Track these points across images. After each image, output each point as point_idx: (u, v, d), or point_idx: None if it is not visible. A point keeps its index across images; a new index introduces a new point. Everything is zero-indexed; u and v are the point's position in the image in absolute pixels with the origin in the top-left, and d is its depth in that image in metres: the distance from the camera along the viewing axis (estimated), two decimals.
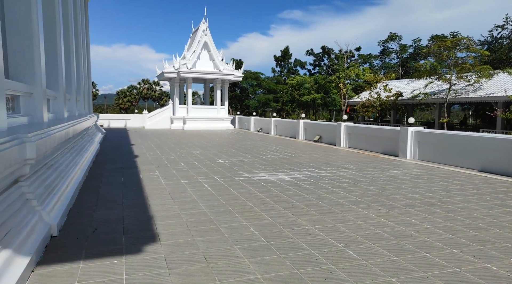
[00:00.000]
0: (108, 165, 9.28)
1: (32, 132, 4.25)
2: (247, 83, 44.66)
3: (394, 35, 39.57)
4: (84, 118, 11.56)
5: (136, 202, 5.68)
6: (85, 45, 16.60)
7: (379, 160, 11.20)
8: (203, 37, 26.22)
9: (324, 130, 16.89)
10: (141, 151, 12.50)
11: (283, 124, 21.30)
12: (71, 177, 6.29)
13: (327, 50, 51.01)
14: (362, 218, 5.02)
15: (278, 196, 6.23)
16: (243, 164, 9.87)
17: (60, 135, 6.08)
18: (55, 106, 8.99)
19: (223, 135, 21.33)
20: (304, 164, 10.11)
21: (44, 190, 4.67)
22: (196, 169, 8.92)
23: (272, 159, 11.09)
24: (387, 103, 26.57)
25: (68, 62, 10.88)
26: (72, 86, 11.49)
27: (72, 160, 7.39)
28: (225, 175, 8.23)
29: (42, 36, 6.80)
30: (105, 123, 28.57)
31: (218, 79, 27.30)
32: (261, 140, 17.78)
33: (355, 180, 7.82)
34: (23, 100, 6.08)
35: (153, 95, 65.04)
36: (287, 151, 13.38)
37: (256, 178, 7.91)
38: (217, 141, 17.11)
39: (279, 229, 4.49)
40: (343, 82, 32.90)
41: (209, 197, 6.13)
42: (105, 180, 7.36)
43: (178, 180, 7.51)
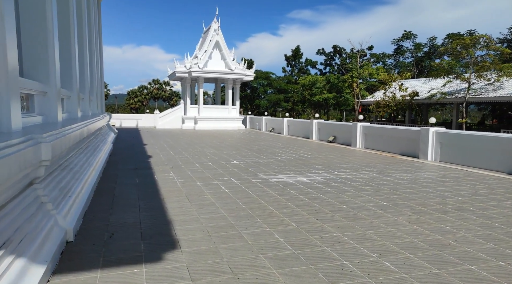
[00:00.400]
0: (122, 165, 9.13)
1: (47, 133, 4.07)
2: (257, 83, 44.37)
3: (408, 33, 38.71)
4: (98, 118, 11.47)
5: (153, 205, 5.47)
6: (98, 44, 16.58)
7: (398, 161, 10.81)
8: (215, 36, 26.05)
9: (339, 131, 16.51)
10: (154, 151, 12.35)
11: (296, 124, 20.97)
12: (86, 178, 6.13)
13: (339, 49, 50.38)
14: (392, 224, 4.70)
15: (299, 199, 5.95)
16: (258, 165, 9.61)
17: (74, 135, 5.92)
18: (69, 105, 8.87)
19: (235, 135, 21.11)
20: (321, 165, 9.80)
21: (59, 192, 4.48)
22: (211, 170, 8.69)
23: (287, 159, 10.81)
24: (403, 103, 25.95)
25: (81, 61, 10.79)
26: (85, 85, 11.40)
27: (86, 160, 7.23)
28: (242, 176, 7.98)
29: (56, 34, 6.66)
30: (117, 123, 28.66)
31: (230, 79, 27.10)
32: (274, 141, 17.50)
33: (377, 182, 7.48)
34: (38, 100, 5.93)
35: (163, 95, 65.33)
36: (302, 151, 13.07)
37: (274, 179, 7.64)
38: (230, 141, 16.90)
39: (305, 236, 4.21)
40: (356, 82, 32.28)
41: (228, 199, 5.88)
42: (120, 181, 7.19)
43: (194, 182, 7.28)
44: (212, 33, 26.19)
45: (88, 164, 7.18)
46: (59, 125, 5.79)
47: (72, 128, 5.91)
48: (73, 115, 9.04)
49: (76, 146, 6.81)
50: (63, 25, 8.39)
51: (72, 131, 5.68)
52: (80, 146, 7.48)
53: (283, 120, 21.91)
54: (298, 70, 49.77)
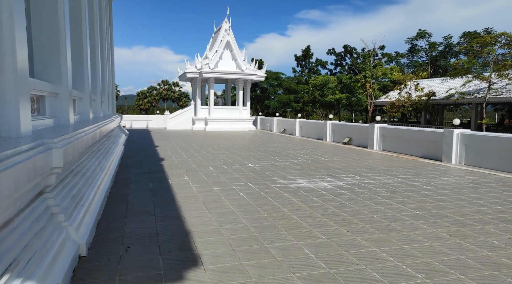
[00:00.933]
0: (134, 169, 8.85)
1: (58, 137, 3.77)
2: (267, 83, 43.97)
3: (423, 32, 37.76)
4: (109, 119, 11.23)
5: (169, 213, 5.14)
6: (109, 44, 16.42)
7: (421, 164, 10.31)
8: (226, 36, 25.76)
9: (354, 132, 16.03)
10: (167, 153, 12.07)
11: (308, 125, 20.53)
12: (99, 184, 5.83)
13: (349, 49, 49.66)
14: (432, 238, 4.28)
15: (324, 208, 5.55)
16: (275, 169, 9.23)
17: (87, 138, 5.63)
18: (81, 107, 8.63)
19: (246, 136, 20.77)
20: (341, 169, 9.37)
21: (71, 201, 4.18)
22: (227, 174, 8.35)
23: (304, 163, 10.40)
24: (419, 104, 25.23)
25: (93, 61, 10.57)
26: (97, 86, 11.19)
27: (99, 164, 6.96)
28: (259, 181, 7.62)
29: (68, 33, 6.39)
30: (127, 124, 28.60)
31: (241, 79, 26.78)
32: (287, 142, 17.10)
33: (404, 188, 7.03)
34: (49, 101, 5.67)
35: (172, 96, 65.44)
36: (317, 154, 12.65)
37: (294, 185, 7.26)
38: (242, 143, 16.55)
39: (339, 252, 3.82)
40: (369, 82, 31.58)
41: (247, 207, 5.52)
42: (133, 186, 6.89)
43: (210, 187, 6.94)
44: (223, 33, 25.91)
45: (101, 168, 6.90)
46: (71, 128, 5.52)
47: (84, 132, 5.63)
48: (85, 117, 8.80)
49: (89, 149, 6.54)
50: (74, 25, 8.15)
51: (84, 135, 5.39)
52: (93, 149, 7.21)
53: (295, 122, 21.49)
54: (309, 71, 49.20)
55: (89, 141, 5.93)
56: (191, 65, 26.03)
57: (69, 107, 6.29)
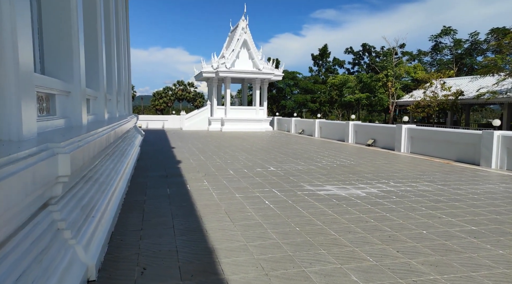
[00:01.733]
0: (150, 173, 8.39)
1: (66, 140, 3.27)
2: (283, 83, 43.25)
3: (448, 29, 36.10)
4: (125, 120, 10.85)
5: (189, 225, 4.60)
6: (125, 42, 16.13)
7: (458, 169, 9.48)
8: (243, 35, 25.24)
9: (379, 133, 15.21)
10: (184, 156, 11.61)
11: (329, 126, 19.77)
12: (113, 190, 5.35)
13: (368, 47, 48.44)
14: (502, 262, 3.58)
15: (362, 220, 4.90)
16: (299, 173, 8.60)
17: (100, 141, 5.16)
18: (95, 107, 8.22)
19: (264, 137, 20.18)
20: (371, 173, 8.66)
21: (81, 213, 3.68)
22: (248, 179, 7.77)
23: (330, 166, 9.73)
24: (446, 104, 23.98)
25: (108, 59, 10.20)
26: (112, 85, 10.82)
27: (114, 167, 6.49)
28: (284, 187, 7.01)
29: (81, 27, 5.95)
30: (143, 124, 28.46)
31: (258, 79, 26.20)
32: (307, 144, 16.42)
33: (448, 197, 6.29)
34: (60, 100, 5.22)
35: (187, 96, 65.69)
36: (342, 156, 11.93)
37: (323, 192, 6.62)
38: (261, 144, 15.97)
39: (394, 280, 3.17)
40: (391, 81, 30.38)
41: (276, 218, 4.93)
42: (150, 192, 6.39)
43: (232, 194, 6.38)
44: (239, 32, 25.40)
45: (116, 172, 6.44)
46: (84, 130, 5.07)
47: (97, 133, 5.16)
48: (99, 118, 8.39)
49: (103, 152, 6.09)
50: (88, 20, 7.75)
51: (97, 137, 4.91)
52: (107, 152, 6.77)
53: (314, 122, 20.75)
54: (326, 70, 48.22)
55: (103, 143, 5.46)
56: (207, 65, 25.63)
57: (82, 107, 5.84)
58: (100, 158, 5.87)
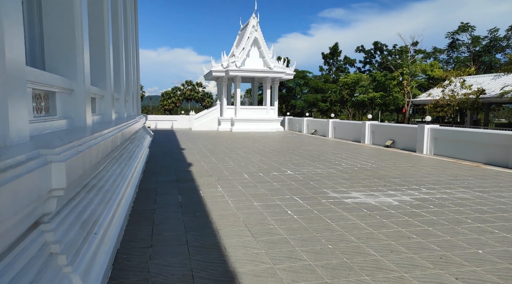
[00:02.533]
0: (160, 177, 7.85)
1: (62, 145, 2.73)
2: (293, 82, 42.53)
3: (465, 25, 34.76)
4: (133, 120, 10.36)
5: (205, 240, 4.02)
6: (134, 40, 15.69)
7: (491, 173, 8.74)
8: (253, 33, 24.63)
9: (398, 134, 14.46)
10: (194, 157, 11.06)
11: (343, 126, 19.06)
12: (119, 199, 4.81)
13: (380, 46, 47.37)
14: None
15: (403, 236, 4.26)
16: (319, 177, 7.97)
17: (106, 144, 4.63)
18: (102, 107, 7.73)
19: (276, 138, 19.56)
20: (397, 178, 7.99)
21: (80, 231, 3.13)
22: (265, 184, 7.18)
23: (351, 170, 9.07)
24: (466, 102, 22.97)
25: (116, 56, 9.72)
26: (120, 84, 10.34)
27: (120, 173, 5.96)
28: (306, 193, 6.39)
29: (86, 20, 5.44)
30: (152, 124, 28.10)
31: (268, 78, 25.57)
32: (321, 145, 15.75)
33: (493, 207, 5.60)
34: (61, 99, 4.70)
35: (195, 96, 65.57)
36: (361, 158, 11.25)
37: (349, 200, 5.98)
38: (273, 145, 15.36)
39: None
40: (407, 79, 29.38)
41: (303, 233, 4.32)
42: (160, 200, 5.84)
43: (249, 202, 5.79)
44: (250, 30, 24.80)
45: (123, 177, 5.91)
46: (87, 131, 4.55)
47: (103, 136, 4.63)
48: (106, 118, 7.90)
49: (109, 156, 5.56)
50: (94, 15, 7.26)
51: (102, 140, 4.38)
52: (114, 155, 6.25)
53: (328, 122, 20.06)
54: (336, 69, 47.33)
55: (109, 147, 4.93)
56: (217, 64, 25.10)
57: (86, 107, 5.33)
58: (105, 163, 5.34)
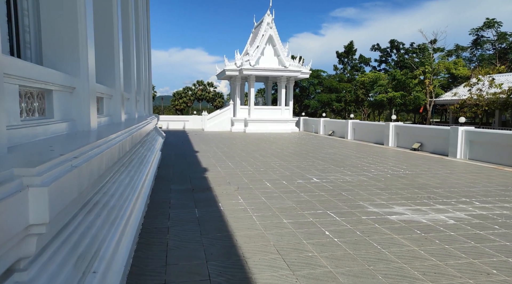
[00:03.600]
0: (173, 185, 7.11)
1: (46, 162, 1.97)
2: (307, 81, 41.52)
3: (491, 21, 33.02)
4: (145, 121, 9.67)
5: (232, 275, 3.22)
6: (146, 38, 15.05)
7: None
8: (268, 30, 23.79)
9: (426, 136, 13.45)
10: (209, 161, 10.31)
11: (364, 127, 18.07)
12: (127, 217, 4.06)
13: (396, 44, 45.95)
14: None
15: (480, 271, 3.38)
16: (351, 186, 7.10)
17: (112, 152, 3.89)
18: (110, 107, 7.04)
19: (292, 140, 18.70)
20: (440, 188, 7.06)
21: (73, 272, 2.36)
22: (292, 195, 6.35)
23: (383, 177, 8.17)
24: (496, 102, 21.60)
25: (127, 53, 9.05)
26: (131, 82, 9.67)
27: (129, 183, 5.22)
28: (341, 207, 5.55)
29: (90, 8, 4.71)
30: (164, 125, 27.58)
31: (284, 77, 24.70)
32: (342, 147, 14.83)
33: None
34: (59, 98, 3.98)
35: (207, 96, 65.44)
36: (390, 163, 10.32)
37: (394, 216, 5.11)
38: (292, 148, 14.51)
39: None
40: (429, 78, 28.05)
41: (351, 265, 3.48)
42: (174, 215, 5.08)
43: (277, 218, 4.97)
44: (264, 27, 23.98)
45: (132, 188, 5.17)
46: (90, 137, 3.84)
47: (108, 142, 3.90)
48: (115, 119, 7.20)
49: (116, 164, 4.83)
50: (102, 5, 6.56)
51: (107, 148, 3.64)
52: (123, 161, 5.53)
53: (347, 123, 19.09)
54: (351, 68, 46.09)
55: (115, 155, 4.19)
56: (231, 63, 24.36)
57: (90, 107, 4.61)
58: (112, 172, 4.61)
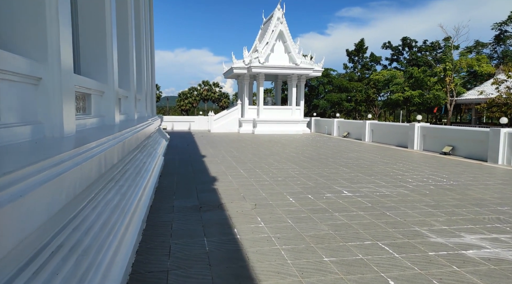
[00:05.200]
0: (177, 200, 5.87)
1: None
2: (316, 80, 40.12)
3: None
4: (146, 123, 8.48)
5: None
6: (148, 34, 13.87)
7: None
8: (278, 25, 22.50)
9: (459, 139, 12.08)
10: (218, 168, 9.07)
11: (384, 129, 16.72)
12: (108, 262, 2.83)
13: (409, 41, 44.42)
14: None
15: None
16: (392, 203, 5.82)
17: (87, 168, 2.70)
18: (102, 106, 5.84)
19: (305, 142, 17.41)
20: (506, 205, 5.74)
21: None
22: (324, 215, 5.08)
23: (426, 189, 6.87)
24: None
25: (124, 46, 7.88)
26: (130, 79, 8.49)
27: (119, 203, 4.00)
28: (394, 236, 4.26)
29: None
30: (168, 126, 26.45)
31: (295, 75, 23.38)
32: (363, 151, 13.51)
33: None
34: (19, 91, 2.78)
35: (212, 96, 64.78)
36: (426, 171, 8.99)
37: (472, 252, 3.82)
38: (307, 152, 13.22)
39: None
40: (450, 75, 26.49)
41: None
42: (176, 249, 3.83)
43: (315, 254, 3.71)
44: (275, 22, 22.70)
45: (122, 211, 3.95)
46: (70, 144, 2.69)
47: (84, 155, 2.72)
48: (108, 121, 6.00)
49: (99, 181, 3.62)
50: None
51: (74, 165, 2.45)
52: (111, 176, 4.31)
53: (364, 124, 17.74)
54: (362, 66, 44.63)
55: (92, 171, 2.99)
56: (239, 60, 23.12)
57: (66, 105, 3.43)
58: (92, 194, 3.39)
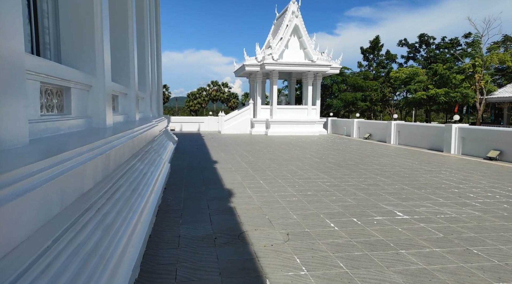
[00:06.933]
0: (185, 225, 4.56)
1: None
2: (330, 79, 38.59)
3: None
4: (149, 124, 7.22)
5: None
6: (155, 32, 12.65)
7: None
8: (293, 19, 21.09)
9: (507, 142, 10.55)
10: (233, 178, 7.75)
11: (413, 130, 15.19)
12: None
13: (426, 39, 42.53)
14: None
15: None
16: (470, 231, 4.42)
17: (62, 189, 1.38)
18: (89, 104, 4.56)
19: (325, 145, 15.98)
20: None
21: None
22: (387, 254, 3.72)
23: (502, 209, 5.43)
24: None
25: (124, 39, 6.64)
26: (129, 74, 7.24)
27: (97, 247, 2.70)
28: None
29: None
30: (177, 127, 25.31)
31: (311, 72, 21.95)
32: (394, 155, 12.04)
33: None
34: None
35: (221, 97, 64.06)
36: (483, 182, 7.52)
37: None
38: (331, 156, 11.82)
39: None
40: (480, 72, 24.70)
41: None
42: None
43: None
44: (289, 17, 21.32)
45: (102, 258, 2.65)
46: None
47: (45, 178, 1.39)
48: (98, 123, 4.70)
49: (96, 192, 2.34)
50: None
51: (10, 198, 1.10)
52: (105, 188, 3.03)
53: (390, 125, 16.23)
54: (377, 65, 42.89)
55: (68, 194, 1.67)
56: (251, 57, 21.81)
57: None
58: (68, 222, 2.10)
